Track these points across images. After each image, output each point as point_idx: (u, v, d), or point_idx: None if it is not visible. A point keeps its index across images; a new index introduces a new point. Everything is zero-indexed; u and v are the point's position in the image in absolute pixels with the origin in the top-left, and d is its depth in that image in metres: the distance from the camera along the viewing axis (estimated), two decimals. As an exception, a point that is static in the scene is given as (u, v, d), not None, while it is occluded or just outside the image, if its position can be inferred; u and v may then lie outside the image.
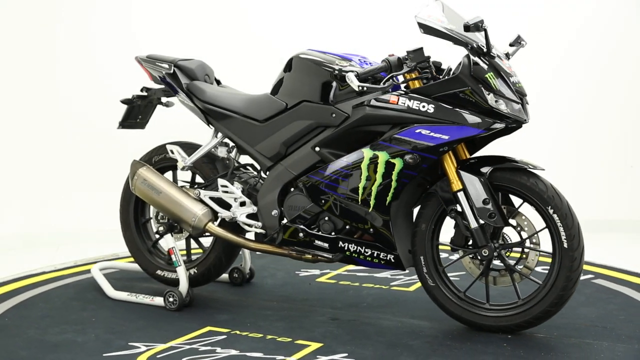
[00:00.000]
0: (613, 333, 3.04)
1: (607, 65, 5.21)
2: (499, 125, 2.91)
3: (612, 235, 5.00)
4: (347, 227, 3.19)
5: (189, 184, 3.69)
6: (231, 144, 3.55)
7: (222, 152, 3.53)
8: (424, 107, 2.94)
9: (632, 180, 5.27)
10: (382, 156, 3.00)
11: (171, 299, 3.44)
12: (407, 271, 3.30)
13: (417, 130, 2.94)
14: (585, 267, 3.62)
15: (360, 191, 3.08)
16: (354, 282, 3.92)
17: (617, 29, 5.17)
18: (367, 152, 3.03)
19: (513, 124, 2.94)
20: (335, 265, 4.21)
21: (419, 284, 3.85)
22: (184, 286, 3.46)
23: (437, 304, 3.16)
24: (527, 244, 3.04)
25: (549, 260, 3.03)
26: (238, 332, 3.12)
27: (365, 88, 2.93)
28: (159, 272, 3.73)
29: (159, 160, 3.68)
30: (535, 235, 3.02)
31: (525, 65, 3.79)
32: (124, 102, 3.73)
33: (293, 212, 3.27)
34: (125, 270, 4.10)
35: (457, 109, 2.92)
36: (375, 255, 3.17)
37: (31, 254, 4.65)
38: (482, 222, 2.99)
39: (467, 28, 2.83)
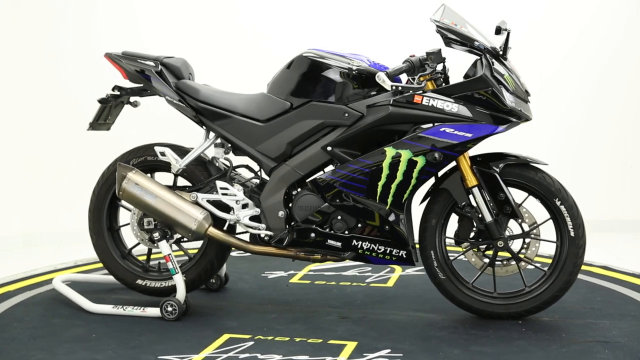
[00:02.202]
0: (604, 312, 3.33)
1: (607, 65, 5.24)
2: (515, 124, 3.08)
3: (612, 235, 5.07)
4: (360, 225, 3.22)
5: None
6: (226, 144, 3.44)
7: (218, 153, 3.41)
8: (447, 106, 3.05)
9: (632, 180, 5.31)
10: (405, 154, 3.07)
11: (170, 309, 3.27)
12: (415, 266, 3.38)
13: (442, 129, 3.05)
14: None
15: (380, 189, 3.13)
16: (329, 281, 3.94)
17: (618, 29, 5.21)
18: (389, 151, 3.09)
19: (522, 121, 3.13)
20: (299, 266, 4.22)
21: (394, 279, 3.97)
22: (181, 294, 3.31)
23: (448, 296, 3.28)
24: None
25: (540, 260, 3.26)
26: (261, 337, 3.04)
27: (400, 87, 2.98)
28: (139, 281, 3.53)
29: (138, 162, 3.49)
30: (537, 227, 3.23)
31: (526, 65, 3.87)
32: (100, 101, 3.50)
33: (304, 213, 3.24)
34: (81, 281, 3.83)
35: (478, 108, 3.06)
36: (387, 252, 3.23)
37: (31, 254, 4.67)
38: (496, 215, 3.15)
39: (498, 31, 2.99)
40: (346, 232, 3.23)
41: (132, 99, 3.62)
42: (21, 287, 3.81)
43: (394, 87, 2.99)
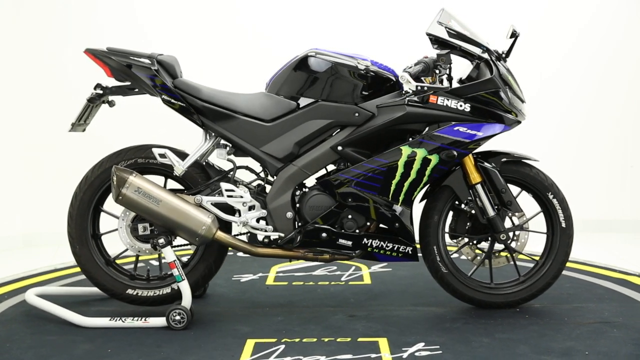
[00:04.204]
0: (582, 297, 3.59)
1: (607, 65, 5.23)
2: (517, 123, 3.26)
3: (612, 235, 5.10)
4: (370, 223, 3.26)
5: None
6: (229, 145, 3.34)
7: (221, 154, 3.30)
8: (460, 106, 3.17)
9: (632, 180, 5.29)
10: (420, 153, 3.16)
11: (178, 317, 3.13)
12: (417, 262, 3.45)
13: (456, 128, 3.16)
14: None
15: (393, 187, 3.19)
16: (307, 282, 3.94)
17: (618, 29, 5.21)
18: (405, 150, 3.15)
19: (523, 120, 3.32)
20: (265, 268, 4.18)
21: (367, 276, 4.03)
22: (188, 301, 3.18)
23: (450, 289, 3.40)
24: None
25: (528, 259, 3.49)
26: (287, 339, 3.00)
27: (425, 88, 3.06)
28: (129, 291, 3.34)
29: (128, 165, 3.30)
30: (528, 220, 3.44)
31: (526, 65, 3.87)
32: (90, 100, 3.28)
33: (315, 213, 3.23)
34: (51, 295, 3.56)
35: (486, 108, 3.20)
36: (395, 249, 3.29)
37: (31, 254, 4.68)
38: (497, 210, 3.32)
39: (513, 34, 3.15)
40: (357, 230, 3.26)
41: (110, 97, 3.42)
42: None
43: (419, 87, 3.06)
